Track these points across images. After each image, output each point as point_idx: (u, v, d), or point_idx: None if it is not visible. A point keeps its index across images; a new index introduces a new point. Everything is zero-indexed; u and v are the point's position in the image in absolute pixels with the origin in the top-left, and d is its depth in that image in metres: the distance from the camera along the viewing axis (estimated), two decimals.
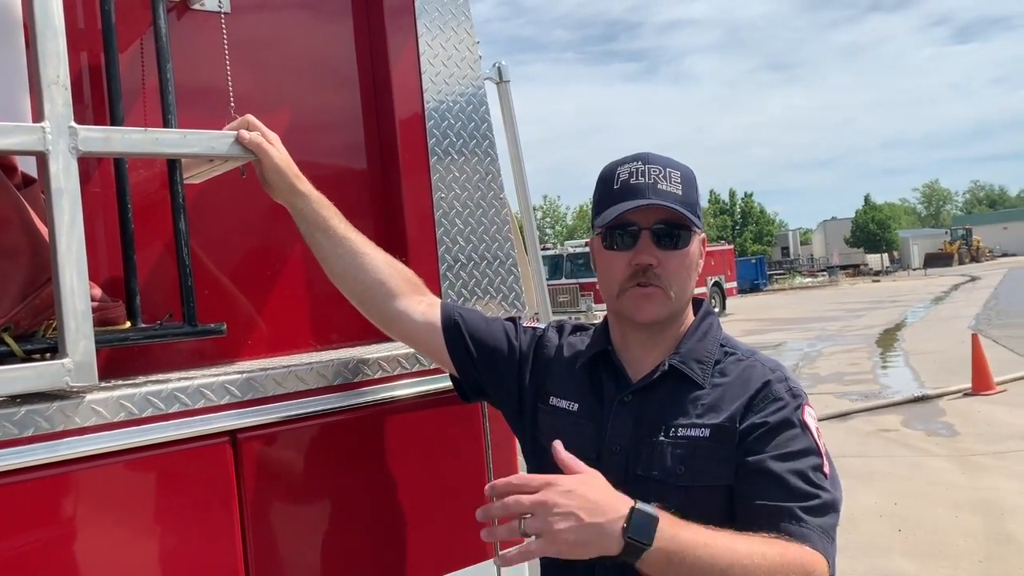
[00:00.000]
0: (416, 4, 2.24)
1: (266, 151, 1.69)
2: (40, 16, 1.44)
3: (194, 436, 1.58)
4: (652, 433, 1.58)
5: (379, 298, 1.81)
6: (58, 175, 1.43)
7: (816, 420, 1.59)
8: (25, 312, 1.49)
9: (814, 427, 1.56)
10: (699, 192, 1.68)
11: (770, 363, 1.65)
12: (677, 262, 1.62)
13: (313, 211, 1.76)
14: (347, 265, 1.79)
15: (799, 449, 1.52)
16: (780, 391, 1.58)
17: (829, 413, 10.55)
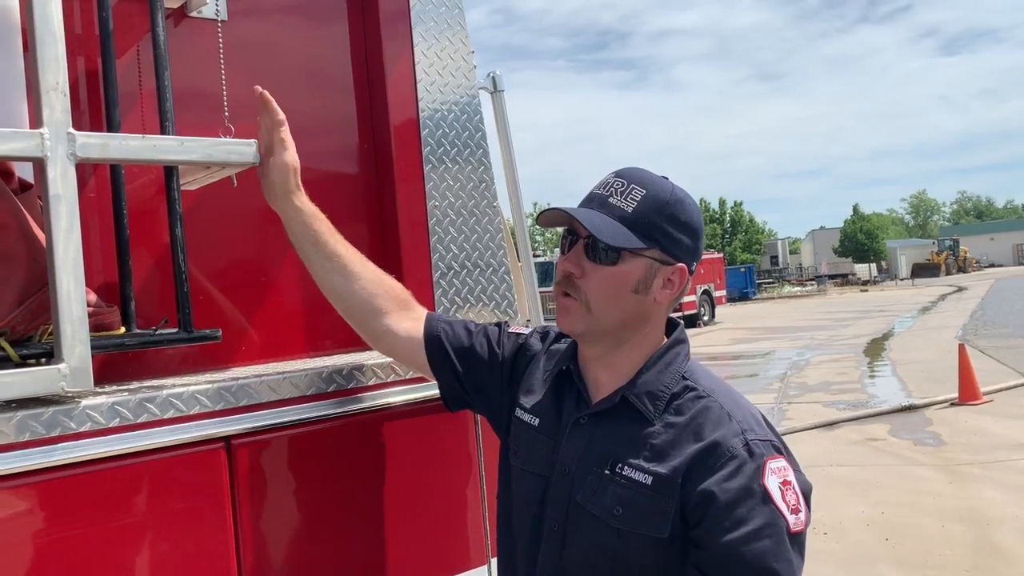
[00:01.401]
0: (412, 14, 2.26)
1: (276, 149, 1.72)
2: (40, 22, 1.44)
3: (189, 442, 1.58)
4: (600, 464, 1.54)
5: (364, 315, 1.82)
6: (56, 181, 1.43)
7: (783, 472, 1.47)
8: (21, 317, 1.49)
9: (776, 488, 1.44)
10: (675, 218, 1.56)
11: (730, 404, 1.54)
12: (599, 278, 1.56)
13: (306, 223, 1.77)
14: (335, 281, 1.80)
15: (757, 527, 1.41)
16: (736, 448, 1.47)
17: (816, 422, 10.60)
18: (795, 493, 1.46)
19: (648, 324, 1.61)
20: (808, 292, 54.52)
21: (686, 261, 1.60)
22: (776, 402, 12.58)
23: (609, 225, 1.54)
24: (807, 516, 1.47)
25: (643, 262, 1.56)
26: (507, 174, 2.81)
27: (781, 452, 1.50)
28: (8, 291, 1.48)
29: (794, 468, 1.50)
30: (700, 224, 1.62)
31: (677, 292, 1.61)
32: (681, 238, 1.58)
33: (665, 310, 1.64)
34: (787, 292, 55.51)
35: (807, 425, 10.48)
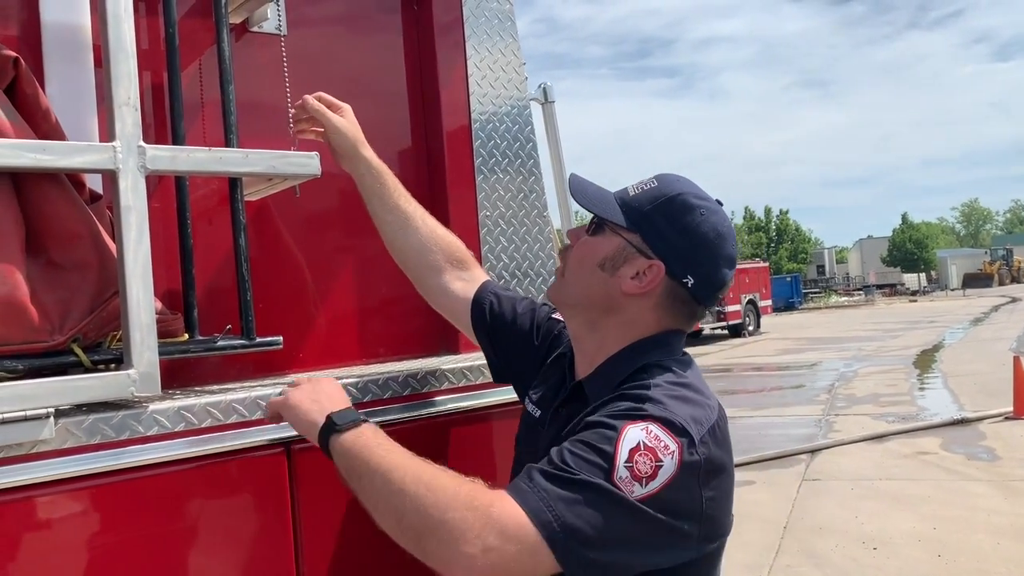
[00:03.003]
0: (465, 26, 2.29)
1: (328, 116, 1.82)
2: (113, 39, 1.50)
3: (251, 447, 1.62)
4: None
5: (419, 269, 1.91)
6: (127, 192, 1.48)
7: (656, 442, 1.31)
8: (93, 324, 1.54)
9: (634, 440, 1.30)
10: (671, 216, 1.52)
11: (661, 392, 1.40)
12: (580, 245, 1.61)
13: (371, 178, 1.87)
14: (395, 234, 1.89)
15: (591, 442, 1.32)
16: (626, 398, 1.39)
17: (865, 435, 10.42)
18: (651, 466, 1.29)
19: (617, 315, 1.55)
20: (856, 302, 53.64)
21: (669, 263, 1.51)
22: (823, 414, 12.39)
23: (602, 199, 1.59)
24: (649, 497, 1.28)
25: (618, 241, 1.55)
26: (557, 184, 2.83)
27: (681, 435, 1.33)
28: (81, 299, 1.53)
29: (686, 461, 1.31)
30: (707, 239, 1.52)
31: (647, 288, 1.52)
32: (670, 236, 1.52)
33: (646, 314, 1.54)
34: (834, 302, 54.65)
35: (855, 438, 10.30)
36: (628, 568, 1.34)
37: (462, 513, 1.26)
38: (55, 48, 1.75)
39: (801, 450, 9.81)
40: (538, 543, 1.25)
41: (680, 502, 1.32)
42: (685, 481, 1.32)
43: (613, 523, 1.27)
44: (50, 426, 1.40)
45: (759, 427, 11.72)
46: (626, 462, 1.29)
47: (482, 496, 1.29)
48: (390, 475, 1.34)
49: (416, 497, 1.30)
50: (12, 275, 1.43)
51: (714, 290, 1.57)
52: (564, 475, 1.29)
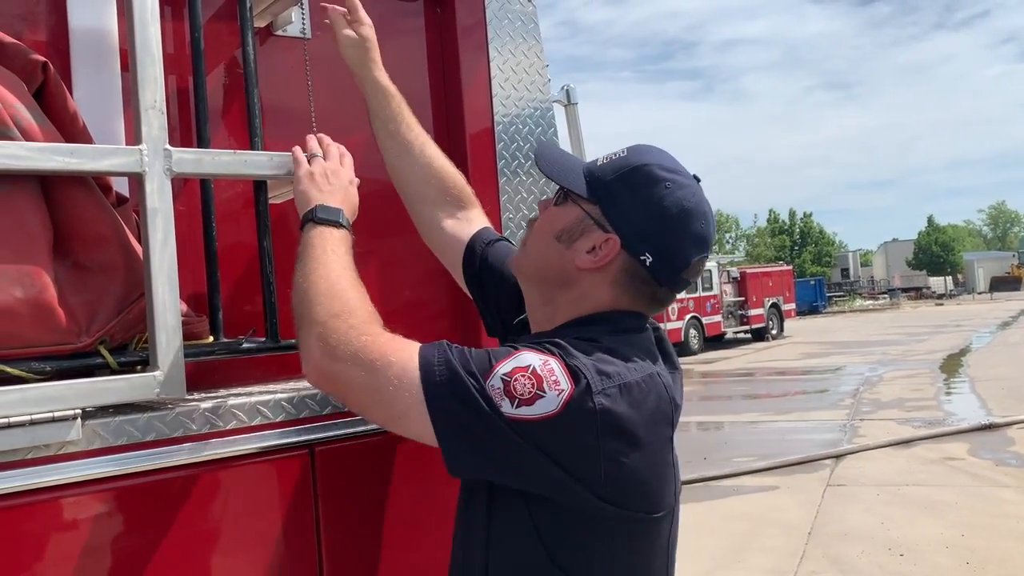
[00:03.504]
0: (488, 28, 2.29)
1: (338, 30, 1.81)
2: (140, 44, 1.51)
3: (274, 448, 1.62)
4: None
5: (413, 199, 1.88)
6: (153, 195, 1.49)
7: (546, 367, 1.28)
8: (119, 326, 1.55)
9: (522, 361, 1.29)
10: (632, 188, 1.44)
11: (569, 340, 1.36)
12: (543, 216, 1.55)
13: (375, 101, 1.85)
14: (394, 160, 1.87)
15: (489, 351, 1.33)
16: (554, 341, 1.35)
17: (891, 440, 10.31)
18: (530, 391, 1.26)
19: (571, 290, 1.48)
20: (881, 306, 53.13)
21: (626, 238, 1.43)
22: (848, 419, 12.27)
23: (567, 167, 1.53)
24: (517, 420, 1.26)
25: (577, 211, 1.48)
26: None
27: (577, 380, 1.28)
28: (108, 301, 1.54)
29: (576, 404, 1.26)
30: (671, 217, 1.43)
31: (602, 263, 1.44)
32: (629, 212, 1.44)
33: (600, 290, 1.46)
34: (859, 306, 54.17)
35: (881, 443, 10.19)
36: (480, 470, 1.35)
37: (343, 328, 1.35)
38: (82, 52, 1.77)
39: (825, 455, 9.73)
40: (400, 384, 1.30)
41: (560, 444, 1.27)
42: (570, 425, 1.27)
43: (468, 419, 1.27)
44: (77, 427, 1.41)
45: (782, 432, 11.63)
46: (505, 374, 1.28)
47: (372, 326, 1.38)
48: (317, 270, 1.45)
49: (319, 294, 1.41)
50: (40, 278, 1.44)
51: (676, 271, 1.46)
52: (450, 358, 1.31)
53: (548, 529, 1.35)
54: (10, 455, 1.37)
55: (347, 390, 1.36)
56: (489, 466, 1.33)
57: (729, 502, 8.06)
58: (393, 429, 1.40)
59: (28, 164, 1.41)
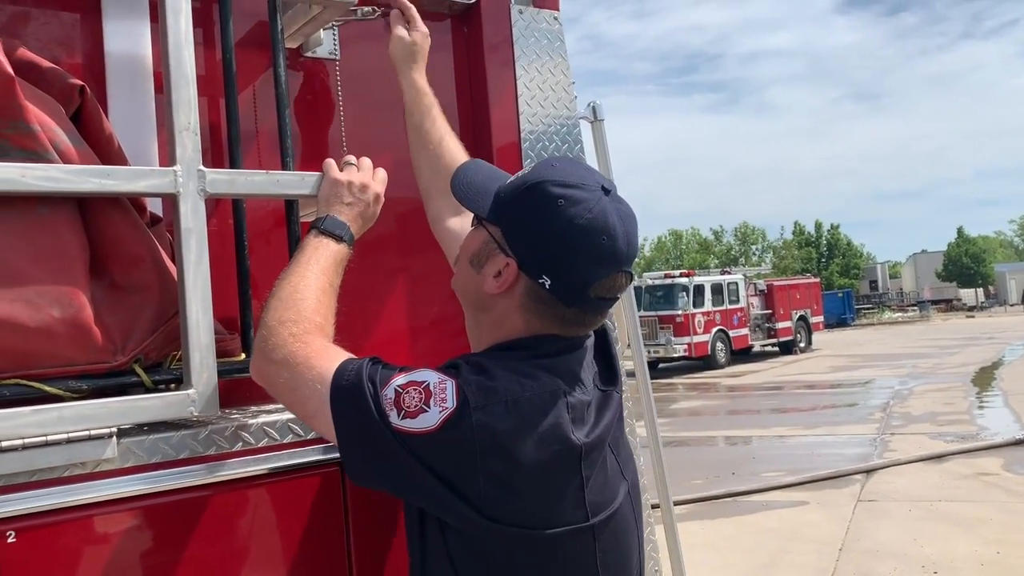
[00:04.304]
0: (515, 47, 2.30)
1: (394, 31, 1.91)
2: (174, 67, 1.54)
3: (305, 465, 1.64)
4: None
5: (426, 192, 1.93)
6: (187, 215, 1.52)
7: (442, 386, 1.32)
8: (154, 344, 1.57)
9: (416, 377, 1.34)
10: (524, 212, 1.42)
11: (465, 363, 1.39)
12: (465, 238, 1.57)
13: (408, 97, 1.92)
14: (414, 154, 1.93)
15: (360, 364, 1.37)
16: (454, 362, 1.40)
17: (923, 455, 10.16)
18: (416, 406, 1.30)
19: (488, 314, 1.49)
20: (910, 318, 52.49)
21: (523, 263, 1.41)
22: (878, 432, 12.12)
23: (482, 189, 1.50)
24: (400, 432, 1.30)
25: (484, 235, 1.48)
26: None
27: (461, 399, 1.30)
28: (142, 320, 1.56)
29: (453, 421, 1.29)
30: (559, 231, 1.38)
31: (503, 288, 1.43)
32: (523, 234, 1.42)
33: (509, 311, 1.45)
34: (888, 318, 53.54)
35: (912, 457, 10.05)
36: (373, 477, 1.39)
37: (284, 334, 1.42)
38: (118, 75, 1.80)
39: (856, 470, 9.61)
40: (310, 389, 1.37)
41: (441, 460, 1.30)
42: (449, 440, 1.29)
43: (360, 423, 1.32)
44: (113, 445, 1.43)
45: (811, 446, 11.51)
46: (399, 386, 1.33)
47: (310, 336, 1.42)
48: (292, 277, 1.51)
49: (279, 300, 1.47)
50: (78, 298, 1.47)
51: (578, 291, 1.41)
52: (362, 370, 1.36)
53: (457, 553, 1.37)
54: (48, 472, 1.39)
55: (273, 388, 1.45)
56: (380, 475, 1.37)
57: (758, 517, 7.98)
58: (310, 427, 1.50)
59: (66, 186, 1.44)
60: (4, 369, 1.42)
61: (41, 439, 1.37)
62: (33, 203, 1.45)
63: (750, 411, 15.74)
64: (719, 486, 9.07)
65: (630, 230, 1.43)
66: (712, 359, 24.29)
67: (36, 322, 1.42)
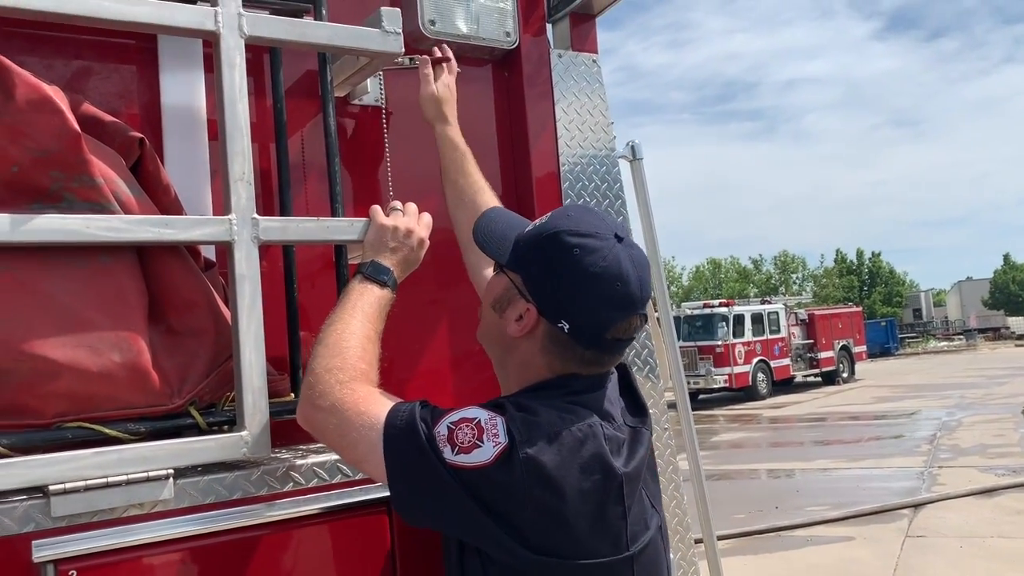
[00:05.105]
0: (554, 90, 2.35)
1: (424, 85, 1.97)
2: (229, 119, 1.60)
3: (353, 505, 1.66)
4: None
5: (462, 245, 1.96)
6: (241, 262, 1.57)
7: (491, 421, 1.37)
8: (208, 387, 1.62)
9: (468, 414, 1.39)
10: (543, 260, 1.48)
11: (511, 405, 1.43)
12: (487, 283, 1.64)
13: (442, 150, 1.97)
14: (450, 206, 1.98)
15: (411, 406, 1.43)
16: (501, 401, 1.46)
17: (973, 489, 9.90)
18: (470, 441, 1.35)
19: (513, 356, 1.55)
20: (956, 347, 51.41)
21: (543, 308, 1.47)
22: (926, 466, 11.85)
23: (503, 237, 1.57)
24: (454, 467, 1.34)
25: (505, 281, 1.55)
26: (647, 238, 2.84)
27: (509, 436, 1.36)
28: (197, 363, 1.61)
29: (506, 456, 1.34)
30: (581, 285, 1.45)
31: (527, 332, 1.49)
32: (542, 280, 1.49)
33: (532, 353, 1.51)
34: (933, 347, 52.49)
35: (962, 492, 9.81)
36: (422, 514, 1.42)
37: (331, 381, 1.46)
38: (174, 125, 1.88)
39: (903, 504, 9.40)
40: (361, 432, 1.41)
41: (490, 493, 1.35)
42: (500, 474, 1.34)
43: (413, 459, 1.37)
44: (170, 486, 1.47)
45: (856, 479, 11.29)
46: (451, 423, 1.39)
47: (356, 383, 1.47)
48: (338, 323, 1.55)
49: (326, 347, 1.51)
50: (137, 343, 1.52)
51: (596, 335, 1.47)
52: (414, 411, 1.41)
53: None
54: (107, 513, 1.44)
55: (323, 435, 1.49)
56: (430, 511, 1.40)
57: (802, 553, 7.83)
58: (359, 471, 1.54)
59: (127, 236, 1.50)
60: (67, 412, 1.48)
61: (102, 480, 1.42)
62: (96, 252, 1.52)
63: (793, 443, 15.49)
64: (762, 520, 8.93)
65: (643, 275, 1.50)
66: (753, 390, 23.98)
67: (98, 367, 1.48)
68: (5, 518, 1.36)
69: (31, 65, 1.62)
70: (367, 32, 1.77)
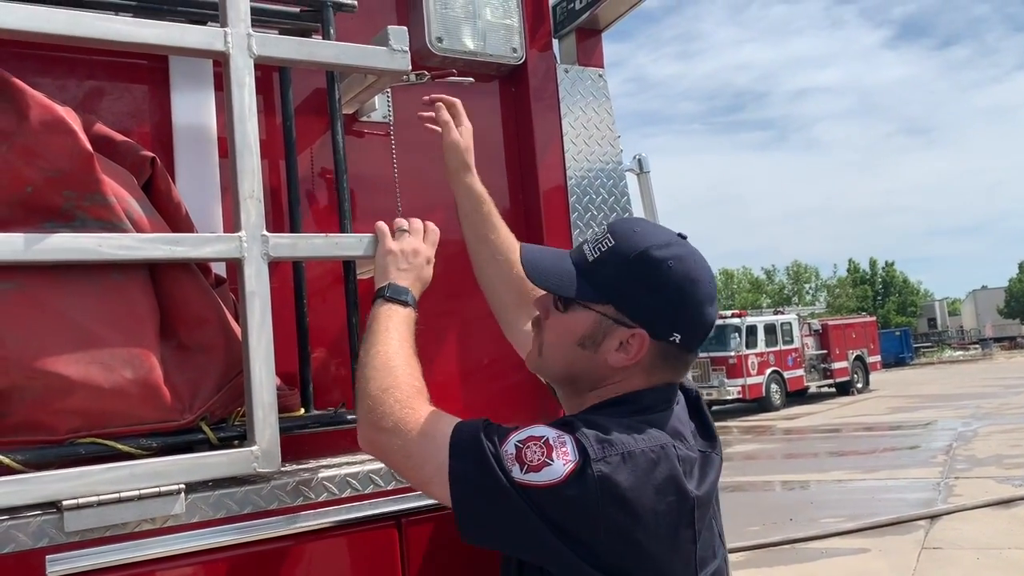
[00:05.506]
0: (561, 105, 2.37)
1: (446, 132, 1.87)
2: (239, 138, 1.62)
3: (363, 519, 1.67)
4: None
5: (494, 302, 1.93)
6: (251, 279, 1.59)
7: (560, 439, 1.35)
8: (219, 403, 1.64)
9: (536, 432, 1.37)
10: (640, 279, 1.47)
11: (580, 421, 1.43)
12: (552, 323, 1.56)
13: (468, 204, 1.89)
14: (479, 265, 1.92)
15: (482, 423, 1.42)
16: (568, 419, 1.46)
17: (990, 499, 9.80)
18: (539, 459, 1.33)
19: (605, 383, 1.52)
20: (972, 356, 51.02)
21: (651, 328, 1.47)
22: (942, 476, 11.75)
23: (560, 271, 1.53)
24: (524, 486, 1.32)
25: (592, 316, 1.50)
26: None
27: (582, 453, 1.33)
28: (208, 379, 1.63)
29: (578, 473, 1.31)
30: (682, 292, 1.47)
31: (635, 358, 1.48)
32: (644, 300, 1.47)
33: (635, 377, 1.51)
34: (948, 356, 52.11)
35: (979, 503, 9.70)
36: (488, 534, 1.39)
37: (390, 402, 1.45)
38: (185, 144, 1.90)
39: (919, 515, 9.31)
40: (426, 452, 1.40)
41: (562, 513, 1.32)
42: (573, 493, 1.31)
43: (480, 480, 1.34)
44: (181, 501, 1.49)
45: (872, 491, 11.20)
46: (519, 441, 1.36)
47: (415, 401, 1.46)
48: (378, 345, 1.54)
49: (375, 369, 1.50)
50: (148, 359, 1.54)
51: (702, 336, 1.52)
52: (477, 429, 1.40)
53: None
54: (120, 528, 1.46)
55: (387, 456, 1.49)
56: (496, 531, 1.38)
57: (817, 566, 7.77)
58: (424, 492, 1.48)
59: (138, 254, 1.52)
60: (80, 428, 1.50)
61: (115, 496, 1.43)
62: (108, 270, 1.54)
63: (807, 455, 15.39)
64: (777, 532, 8.87)
65: (710, 268, 1.56)
66: (767, 401, 23.85)
67: (110, 383, 1.50)
68: (19, 533, 1.38)
69: (45, 86, 1.65)
70: (374, 51, 1.79)
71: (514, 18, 2.29)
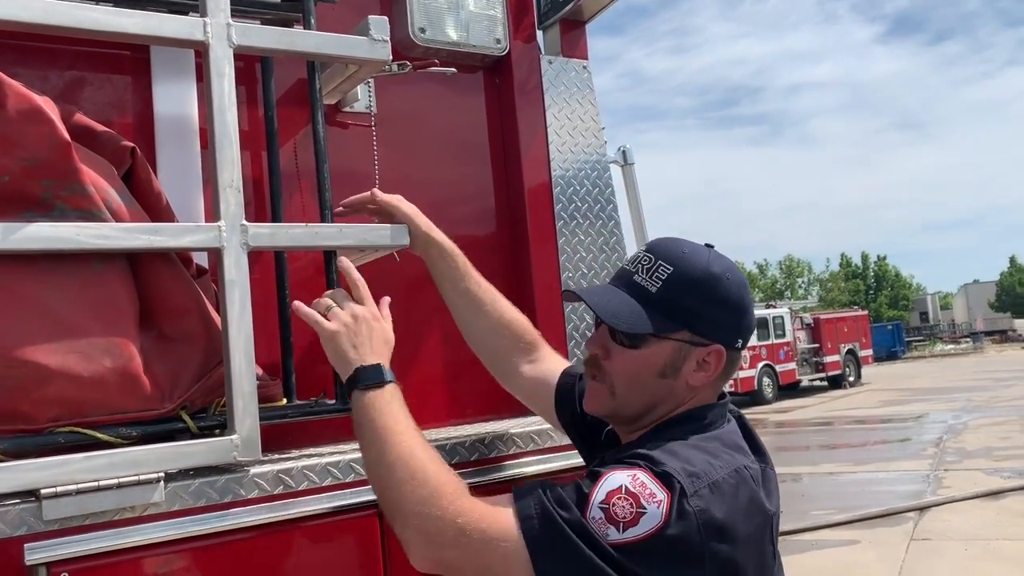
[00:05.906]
0: (545, 96, 2.37)
1: (399, 206, 1.79)
2: (219, 128, 1.62)
3: (344, 508, 1.68)
4: None
5: (488, 353, 1.90)
6: (231, 268, 1.59)
7: (638, 483, 1.30)
8: (199, 392, 1.64)
9: (615, 482, 1.30)
10: (708, 297, 1.50)
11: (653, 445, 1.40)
12: (623, 361, 1.51)
13: (442, 262, 1.82)
14: (464, 319, 1.88)
15: (579, 483, 1.34)
16: (625, 449, 1.44)
17: (979, 491, 9.86)
18: (632, 511, 1.27)
19: (681, 407, 1.53)
20: (963, 350, 51.26)
21: (724, 340, 1.51)
22: (932, 469, 11.82)
23: (627, 308, 1.49)
24: (627, 544, 1.26)
25: (670, 345, 1.49)
26: (638, 242, 2.86)
27: (670, 486, 1.30)
28: (188, 368, 1.63)
29: (677, 511, 1.28)
30: (742, 300, 1.54)
31: (715, 374, 1.51)
32: (716, 317, 1.50)
33: (705, 391, 1.53)
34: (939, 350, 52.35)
35: (968, 494, 9.76)
36: None
37: (433, 512, 1.33)
38: (166, 134, 1.91)
39: (909, 507, 9.37)
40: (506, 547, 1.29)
41: (668, 556, 1.27)
42: (676, 532, 1.27)
43: (575, 563, 1.25)
44: (160, 490, 1.49)
45: (862, 483, 11.26)
46: (601, 502, 1.28)
47: (459, 501, 1.34)
48: (390, 451, 1.42)
49: (399, 480, 1.38)
50: (128, 348, 1.54)
51: (752, 334, 1.60)
52: (547, 507, 1.30)
53: None
54: (99, 516, 1.46)
55: (460, 572, 1.36)
56: None
57: (808, 557, 7.81)
58: None
59: (117, 243, 1.52)
60: (59, 417, 1.50)
61: (94, 484, 1.44)
62: (87, 260, 1.54)
63: (799, 447, 15.44)
64: None
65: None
66: (759, 394, 23.92)
67: (89, 372, 1.50)
68: None
69: (25, 76, 1.65)
70: (355, 40, 1.79)
71: (498, 9, 2.29)
